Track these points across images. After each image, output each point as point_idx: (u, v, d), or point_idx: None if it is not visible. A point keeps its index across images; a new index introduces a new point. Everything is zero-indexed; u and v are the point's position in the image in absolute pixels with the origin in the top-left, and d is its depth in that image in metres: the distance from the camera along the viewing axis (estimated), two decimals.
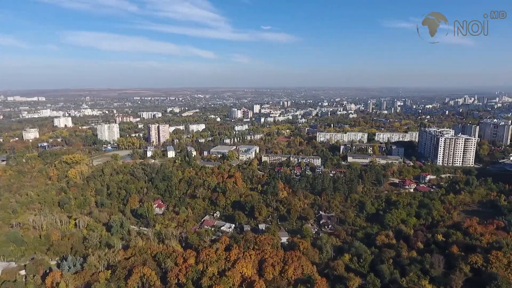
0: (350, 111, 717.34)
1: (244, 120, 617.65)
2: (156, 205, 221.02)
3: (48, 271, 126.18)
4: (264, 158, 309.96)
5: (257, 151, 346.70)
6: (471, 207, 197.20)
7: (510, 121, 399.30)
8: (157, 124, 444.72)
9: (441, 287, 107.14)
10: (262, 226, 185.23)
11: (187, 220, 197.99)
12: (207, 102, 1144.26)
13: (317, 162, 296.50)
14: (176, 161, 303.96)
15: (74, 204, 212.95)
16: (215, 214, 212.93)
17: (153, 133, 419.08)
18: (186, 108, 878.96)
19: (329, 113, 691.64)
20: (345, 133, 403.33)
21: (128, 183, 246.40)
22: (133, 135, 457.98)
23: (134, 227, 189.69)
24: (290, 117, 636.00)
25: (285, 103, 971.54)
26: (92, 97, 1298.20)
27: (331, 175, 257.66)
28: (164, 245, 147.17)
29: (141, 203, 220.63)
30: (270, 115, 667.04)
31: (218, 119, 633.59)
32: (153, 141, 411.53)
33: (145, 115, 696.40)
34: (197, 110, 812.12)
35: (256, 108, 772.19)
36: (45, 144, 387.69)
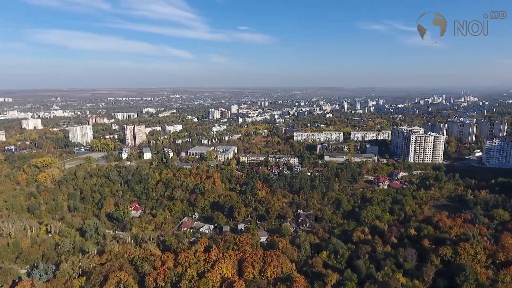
0: (326, 111, 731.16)
1: (222, 120, 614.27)
2: (132, 208, 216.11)
3: (17, 280, 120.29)
4: (242, 158, 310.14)
5: (235, 151, 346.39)
6: (441, 202, 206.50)
7: (475, 119, 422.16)
8: (133, 125, 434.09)
9: (414, 280, 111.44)
10: (241, 226, 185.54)
11: (165, 223, 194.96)
12: (184, 103, 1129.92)
13: (295, 161, 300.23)
14: (153, 162, 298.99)
15: (45, 210, 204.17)
16: (193, 216, 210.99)
17: (129, 135, 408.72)
18: (163, 108, 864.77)
19: (306, 113, 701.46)
20: (322, 132, 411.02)
21: (103, 186, 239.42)
22: (108, 136, 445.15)
23: (109, 231, 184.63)
24: (268, 117, 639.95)
25: (263, 103, 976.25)
26: (64, 97, 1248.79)
27: (309, 174, 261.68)
28: (141, 248, 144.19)
29: (117, 206, 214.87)
30: (248, 115, 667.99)
31: (196, 120, 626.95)
32: (128, 143, 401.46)
33: (120, 116, 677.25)
34: (174, 111, 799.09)
35: (234, 108, 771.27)
36: (13, 147, 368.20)
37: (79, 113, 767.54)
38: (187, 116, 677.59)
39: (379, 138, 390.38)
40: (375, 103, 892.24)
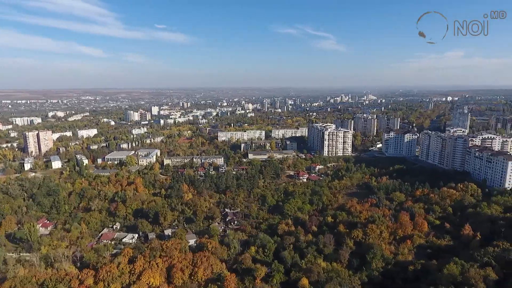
0: (248, 110, 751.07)
1: (142, 122, 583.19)
2: (40, 224, 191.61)
3: None
4: (166, 161, 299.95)
5: (159, 154, 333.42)
6: (351, 190, 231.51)
7: (375, 115, 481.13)
8: (36, 131, 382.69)
9: (333, 263, 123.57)
10: (168, 232, 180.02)
11: (81, 237, 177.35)
12: (98, 105, 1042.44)
13: (220, 161, 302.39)
14: (64, 172, 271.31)
15: None
16: (114, 226, 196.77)
17: (32, 142, 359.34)
18: (73, 111, 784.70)
19: (228, 112, 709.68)
20: (245, 131, 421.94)
21: (1, 203, 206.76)
22: (4, 145, 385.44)
23: (11, 254, 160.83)
24: (191, 118, 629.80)
25: (185, 104, 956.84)
26: None
27: (234, 173, 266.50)
28: (53, 269, 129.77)
29: (20, 225, 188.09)
30: (170, 116, 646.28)
31: (113, 123, 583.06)
32: (31, 152, 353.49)
33: (19, 121, 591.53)
34: (86, 114, 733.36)
35: (155, 109, 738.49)
36: None
37: None
38: (103, 119, 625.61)
39: (297, 135, 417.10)
40: (293, 102, 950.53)
